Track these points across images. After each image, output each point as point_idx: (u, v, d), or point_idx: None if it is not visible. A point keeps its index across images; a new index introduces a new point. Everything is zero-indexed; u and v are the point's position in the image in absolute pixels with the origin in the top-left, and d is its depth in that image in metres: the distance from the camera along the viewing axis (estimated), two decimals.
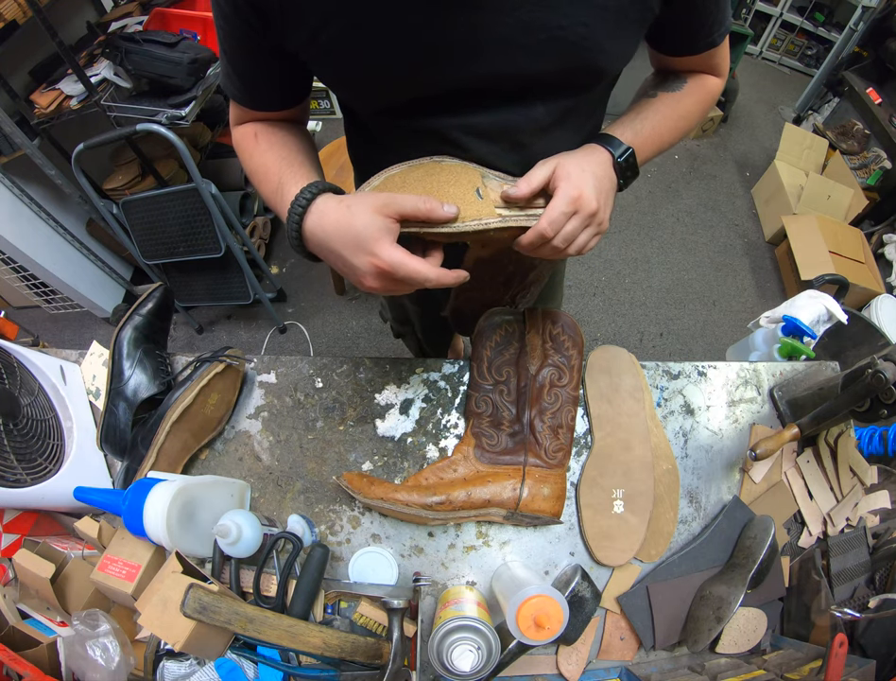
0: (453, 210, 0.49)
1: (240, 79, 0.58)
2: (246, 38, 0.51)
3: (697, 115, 0.64)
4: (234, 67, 0.56)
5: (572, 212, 0.51)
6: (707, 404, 0.81)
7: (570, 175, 0.52)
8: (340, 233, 0.46)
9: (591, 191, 0.51)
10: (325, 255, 0.50)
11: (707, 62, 0.62)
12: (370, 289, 0.49)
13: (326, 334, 2.16)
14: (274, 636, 0.54)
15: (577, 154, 0.55)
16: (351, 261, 0.47)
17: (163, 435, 0.68)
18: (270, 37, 0.50)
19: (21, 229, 1.77)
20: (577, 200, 0.51)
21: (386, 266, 0.45)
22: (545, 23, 0.46)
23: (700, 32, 0.57)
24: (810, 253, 2.27)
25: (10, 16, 1.41)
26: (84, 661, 0.56)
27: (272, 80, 0.58)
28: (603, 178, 0.54)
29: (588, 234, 0.54)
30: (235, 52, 0.54)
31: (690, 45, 0.59)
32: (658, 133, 0.60)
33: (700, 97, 0.64)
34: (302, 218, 0.49)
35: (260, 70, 0.56)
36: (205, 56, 1.64)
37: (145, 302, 0.76)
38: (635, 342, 2.20)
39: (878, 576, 0.74)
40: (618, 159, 0.56)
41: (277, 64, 0.54)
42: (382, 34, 0.46)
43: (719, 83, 0.65)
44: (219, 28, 0.52)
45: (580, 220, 0.52)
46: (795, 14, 3.63)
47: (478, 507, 0.66)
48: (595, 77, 0.54)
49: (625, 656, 0.71)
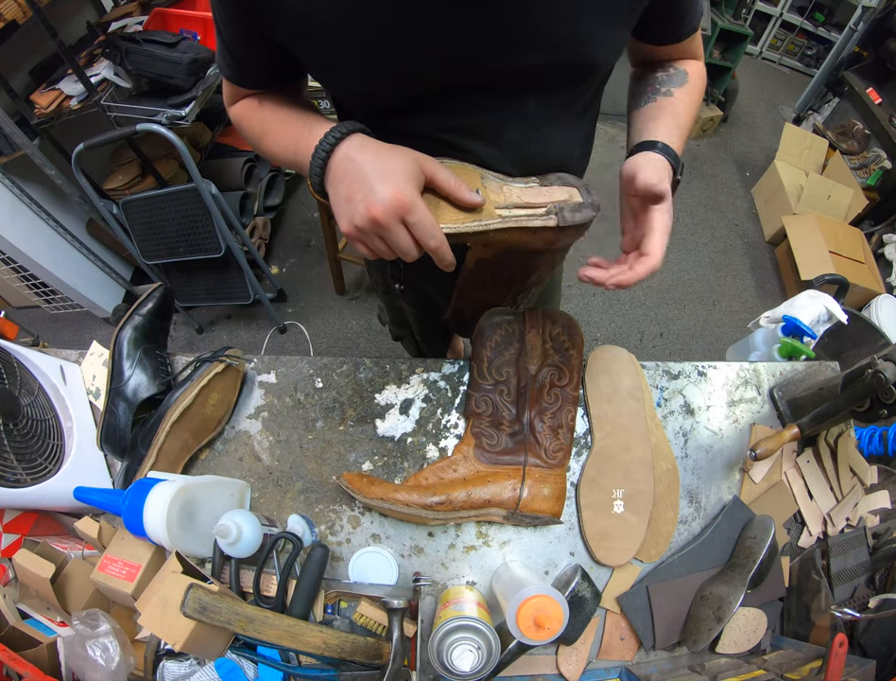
0: (478, 199, 0.50)
1: (231, 56, 0.56)
2: (238, 15, 0.50)
3: (700, 101, 0.66)
4: (227, 43, 0.55)
5: (668, 235, 0.54)
6: (707, 404, 0.81)
7: (667, 209, 0.54)
8: (376, 161, 0.46)
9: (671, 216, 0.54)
10: (345, 182, 0.47)
11: (688, 48, 0.64)
12: (364, 227, 0.46)
13: (326, 334, 2.16)
14: (274, 636, 0.54)
15: (649, 161, 0.54)
16: (373, 186, 0.45)
17: (163, 435, 0.68)
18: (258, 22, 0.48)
19: (21, 229, 1.77)
20: (669, 228, 0.54)
21: (407, 200, 0.44)
22: (536, 15, 0.46)
23: (685, 18, 0.59)
24: (810, 253, 2.27)
25: (10, 16, 1.41)
26: (84, 661, 0.56)
27: (266, 59, 0.56)
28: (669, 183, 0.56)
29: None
30: (227, 27, 0.53)
31: (676, 33, 0.61)
32: (682, 129, 0.61)
33: (701, 85, 0.66)
34: (339, 141, 0.48)
35: (254, 47, 0.54)
36: (205, 56, 1.64)
37: (145, 302, 0.76)
38: (635, 342, 2.20)
39: (878, 576, 0.74)
40: (671, 161, 0.56)
41: (269, 45, 0.52)
42: (370, 27, 0.46)
43: (703, 66, 0.67)
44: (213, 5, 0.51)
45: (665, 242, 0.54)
46: (795, 14, 3.64)
47: (478, 507, 0.66)
48: (587, 70, 0.54)
49: (625, 656, 0.71)
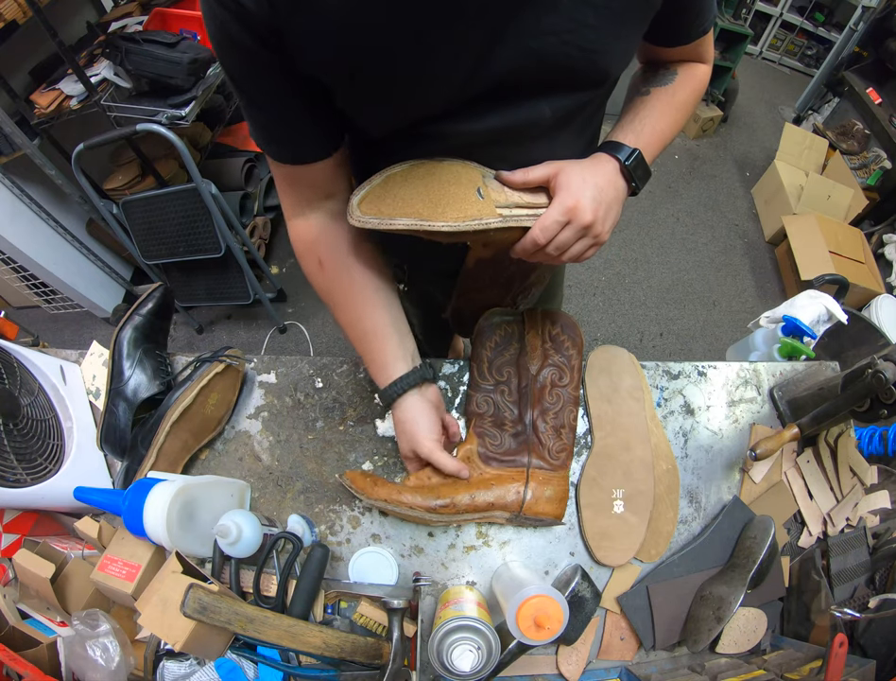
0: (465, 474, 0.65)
1: (271, 123, 0.52)
2: (266, 67, 0.46)
3: (692, 105, 0.65)
4: (259, 107, 0.51)
5: (566, 221, 0.52)
6: (707, 404, 0.81)
7: (570, 184, 0.52)
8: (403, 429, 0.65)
9: (588, 202, 0.52)
10: (397, 429, 0.67)
11: (696, 51, 0.62)
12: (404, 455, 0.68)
13: (326, 334, 2.16)
14: (274, 636, 0.54)
15: (581, 163, 0.55)
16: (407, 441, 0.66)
17: (163, 435, 0.68)
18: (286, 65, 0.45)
19: (21, 229, 1.77)
20: (573, 211, 0.51)
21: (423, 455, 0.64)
22: (555, 27, 0.46)
23: (696, 21, 0.58)
24: (810, 253, 2.27)
25: (10, 16, 1.41)
26: (84, 661, 0.56)
27: (304, 118, 0.52)
28: (606, 187, 0.54)
29: (582, 244, 0.55)
30: (257, 88, 0.49)
31: (686, 35, 0.59)
32: (659, 130, 0.60)
33: (693, 86, 0.64)
34: (394, 401, 0.65)
35: (289, 105, 0.50)
36: (205, 56, 1.64)
37: (145, 302, 0.76)
38: (635, 342, 2.20)
39: (878, 576, 0.74)
40: (625, 163, 0.56)
41: (302, 97, 0.49)
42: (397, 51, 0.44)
43: (707, 70, 0.65)
44: (235, 68, 0.47)
45: (574, 231, 0.53)
46: (795, 14, 3.64)
47: (482, 510, 0.66)
48: (602, 77, 0.54)
49: (625, 656, 0.71)
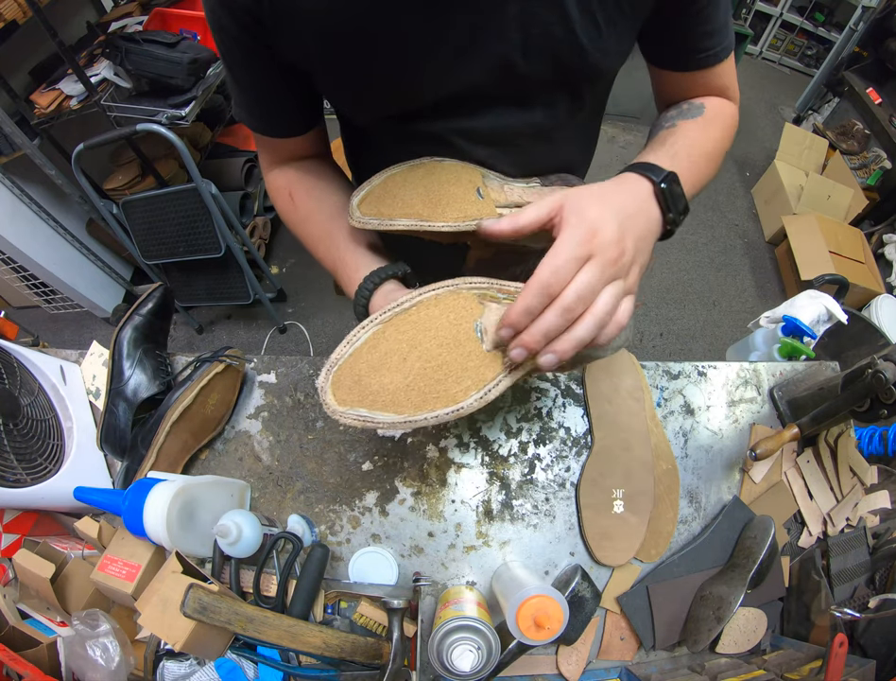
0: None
1: (252, 102, 0.55)
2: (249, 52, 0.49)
3: (727, 143, 0.56)
4: (242, 87, 0.54)
5: (585, 256, 0.36)
6: (707, 404, 0.81)
7: (582, 210, 0.38)
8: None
9: (613, 230, 0.37)
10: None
11: (715, 84, 0.56)
12: None
13: (326, 334, 2.16)
14: (274, 636, 0.54)
15: (600, 184, 0.43)
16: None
17: (163, 435, 0.68)
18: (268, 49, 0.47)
19: (21, 229, 1.77)
20: (591, 242, 0.37)
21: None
22: (541, 20, 0.45)
23: (702, 42, 0.52)
24: (810, 253, 2.27)
25: (10, 16, 1.41)
26: (84, 661, 0.56)
27: (284, 100, 0.55)
28: (636, 215, 0.41)
29: (613, 291, 0.38)
30: (241, 71, 0.52)
31: (692, 55, 0.54)
32: (694, 161, 0.50)
33: (725, 123, 0.56)
34: (368, 300, 0.52)
35: (270, 88, 0.53)
36: (205, 56, 1.64)
37: (145, 302, 0.76)
38: (635, 342, 2.20)
39: (878, 576, 0.74)
40: (660, 184, 0.43)
41: (284, 82, 0.52)
42: (378, 41, 0.45)
43: (735, 112, 0.58)
44: (222, 48, 0.50)
45: (600, 268, 0.36)
46: (795, 14, 3.64)
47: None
48: (592, 72, 0.53)
49: (625, 656, 0.71)
